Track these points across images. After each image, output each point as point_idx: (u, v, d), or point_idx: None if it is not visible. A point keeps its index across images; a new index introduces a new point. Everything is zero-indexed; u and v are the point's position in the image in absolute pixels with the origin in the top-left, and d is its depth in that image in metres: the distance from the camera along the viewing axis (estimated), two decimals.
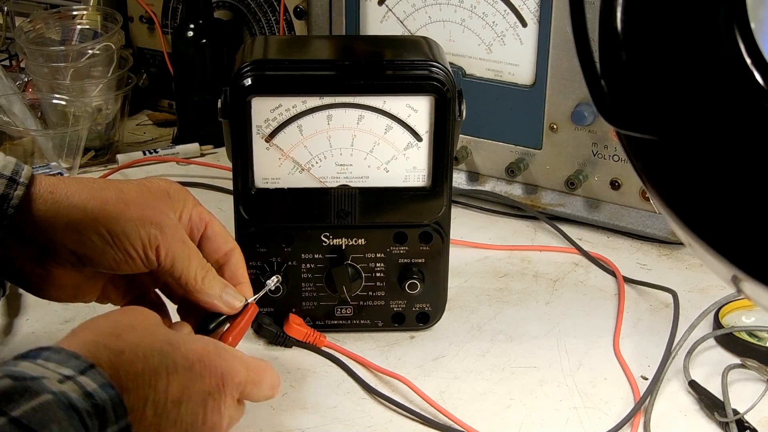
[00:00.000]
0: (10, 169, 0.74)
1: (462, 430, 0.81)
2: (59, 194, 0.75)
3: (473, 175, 1.18)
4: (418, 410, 0.83)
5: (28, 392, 0.56)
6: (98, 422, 0.58)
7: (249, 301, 0.80)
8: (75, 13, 1.29)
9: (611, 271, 1.04)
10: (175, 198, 0.80)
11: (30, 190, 0.75)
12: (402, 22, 1.14)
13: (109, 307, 0.95)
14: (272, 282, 0.87)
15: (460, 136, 1.09)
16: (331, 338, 0.91)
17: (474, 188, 1.17)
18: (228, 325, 0.79)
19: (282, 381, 0.86)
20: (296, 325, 0.91)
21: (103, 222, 0.74)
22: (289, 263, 0.90)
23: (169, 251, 0.75)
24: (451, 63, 1.08)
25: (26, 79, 1.30)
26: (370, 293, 0.92)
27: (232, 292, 0.79)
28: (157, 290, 0.82)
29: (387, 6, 1.14)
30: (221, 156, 1.27)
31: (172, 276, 0.76)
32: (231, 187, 0.89)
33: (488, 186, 1.17)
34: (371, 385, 0.86)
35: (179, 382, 0.65)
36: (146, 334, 0.67)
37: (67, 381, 0.58)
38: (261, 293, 0.83)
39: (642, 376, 0.88)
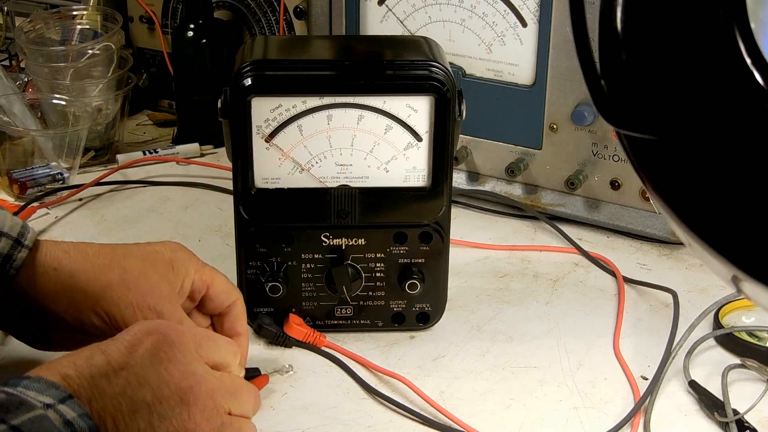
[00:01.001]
0: (16, 231, 0.77)
1: (462, 430, 0.81)
2: (63, 272, 0.77)
3: (473, 175, 1.18)
4: (418, 410, 0.83)
5: (24, 405, 0.58)
6: None
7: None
8: (75, 13, 1.29)
9: (611, 271, 1.04)
10: (179, 269, 0.81)
11: (34, 255, 0.77)
12: (402, 22, 1.14)
13: None
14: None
15: (460, 136, 1.09)
16: (331, 338, 0.91)
17: (474, 188, 1.17)
18: None
19: (282, 381, 0.86)
20: (296, 325, 0.91)
21: (103, 305, 0.77)
22: (289, 263, 0.90)
23: None
24: (451, 63, 1.08)
25: (26, 79, 1.30)
26: (370, 293, 0.92)
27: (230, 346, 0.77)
28: None
29: (387, 6, 1.14)
30: (221, 156, 1.27)
31: None
32: (231, 187, 0.89)
33: (488, 186, 1.17)
34: (371, 385, 0.86)
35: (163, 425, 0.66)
36: (132, 381, 0.66)
37: (48, 409, 0.60)
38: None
39: (642, 376, 0.88)
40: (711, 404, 0.83)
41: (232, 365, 0.74)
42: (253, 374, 0.83)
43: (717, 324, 0.93)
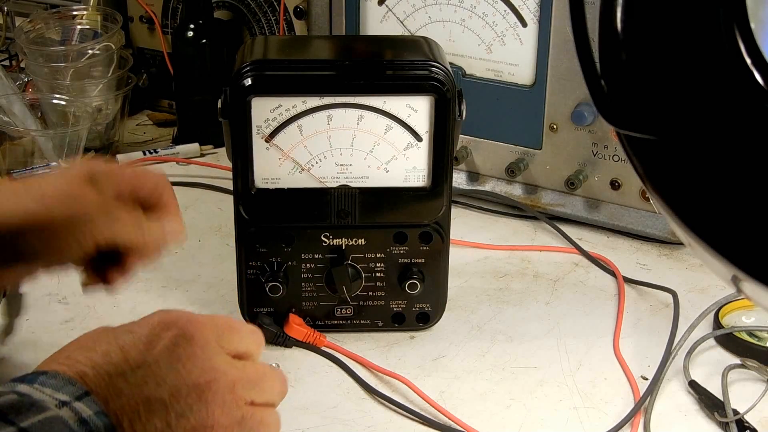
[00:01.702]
0: None
1: (462, 430, 0.81)
2: None
3: (473, 175, 1.18)
4: (418, 410, 0.83)
5: (35, 407, 0.57)
6: None
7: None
8: (75, 13, 1.29)
9: (611, 271, 1.04)
10: (97, 179, 0.78)
11: None
12: (402, 22, 1.14)
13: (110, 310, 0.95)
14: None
15: (460, 136, 1.09)
16: (331, 338, 0.91)
17: (474, 188, 1.17)
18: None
19: None
20: (296, 325, 0.91)
21: (31, 240, 0.75)
22: (289, 263, 0.90)
23: (101, 236, 0.75)
24: (451, 63, 1.08)
25: (26, 79, 1.30)
26: (370, 293, 0.92)
27: (171, 224, 0.78)
28: None
29: (387, 6, 1.14)
30: (221, 156, 1.27)
31: (114, 247, 0.76)
32: (231, 187, 0.89)
33: (488, 186, 1.17)
34: (371, 385, 0.86)
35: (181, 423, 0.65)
36: (148, 380, 0.65)
37: (63, 407, 0.59)
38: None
39: (642, 376, 0.88)
40: (711, 404, 0.83)
41: (256, 354, 0.72)
42: None
43: (717, 324, 0.93)
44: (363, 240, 0.90)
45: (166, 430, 0.64)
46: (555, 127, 1.11)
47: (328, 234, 0.90)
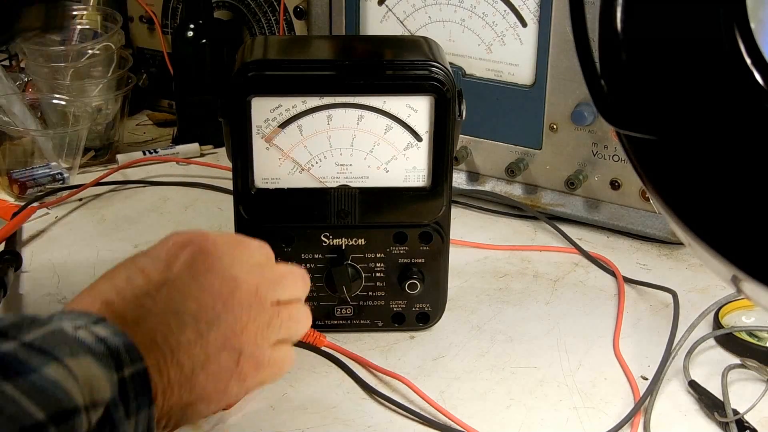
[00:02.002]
0: None
1: (462, 430, 0.81)
2: None
3: (473, 175, 1.18)
4: (418, 410, 0.83)
5: (37, 322, 0.57)
6: (114, 362, 0.59)
7: None
8: (75, 13, 1.29)
9: (611, 271, 1.04)
10: None
11: None
12: (402, 22, 1.14)
13: None
14: None
15: (460, 136, 1.09)
16: (331, 338, 0.91)
17: (474, 188, 1.17)
18: None
19: (282, 381, 0.86)
20: None
21: None
22: (289, 263, 0.90)
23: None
24: (451, 63, 1.08)
25: (26, 79, 1.30)
26: (370, 293, 0.92)
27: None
28: None
29: (387, 6, 1.14)
30: (221, 156, 1.27)
31: None
32: (231, 187, 0.89)
33: (488, 186, 1.17)
34: (371, 385, 0.86)
35: (202, 343, 0.66)
36: (165, 299, 0.67)
37: (80, 329, 0.59)
38: None
39: (642, 376, 0.88)
40: (711, 404, 0.83)
41: (270, 261, 0.74)
42: None
43: (717, 324, 0.93)
44: (363, 240, 0.90)
45: (199, 341, 0.66)
46: (555, 127, 1.11)
47: (328, 234, 0.90)
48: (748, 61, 0.50)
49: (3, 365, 0.52)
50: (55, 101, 1.23)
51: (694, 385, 0.85)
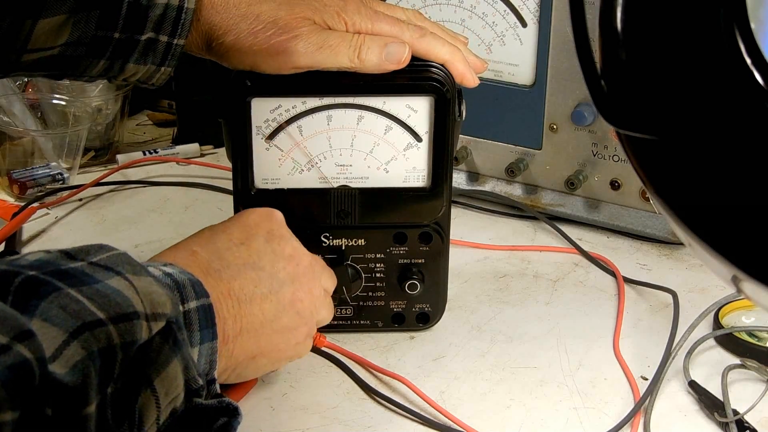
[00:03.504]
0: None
1: (462, 430, 0.81)
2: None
3: (473, 175, 1.18)
4: (418, 410, 0.83)
5: (105, 248, 0.62)
6: (179, 294, 0.65)
7: None
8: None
9: (611, 271, 1.04)
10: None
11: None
12: None
13: None
14: None
15: (460, 136, 1.09)
16: (331, 338, 0.91)
17: (474, 188, 1.17)
18: None
19: (282, 381, 0.86)
20: None
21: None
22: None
23: (311, 62, 0.82)
24: None
25: (26, 79, 1.30)
26: (370, 293, 0.92)
27: (392, 47, 0.82)
28: None
29: None
30: (221, 156, 1.27)
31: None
32: (231, 187, 0.89)
33: (488, 186, 1.17)
34: (371, 385, 0.86)
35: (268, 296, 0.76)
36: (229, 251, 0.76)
37: (149, 266, 0.66)
38: None
39: (642, 376, 0.88)
40: (711, 404, 0.83)
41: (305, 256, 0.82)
42: None
43: (717, 324, 0.93)
44: (363, 240, 0.90)
45: (271, 296, 0.75)
46: (555, 127, 1.11)
47: (328, 234, 0.90)
48: (748, 61, 0.50)
49: (69, 277, 0.57)
50: (55, 101, 1.23)
51: (694, 385, 0.85)
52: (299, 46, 0.80)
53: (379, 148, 0.88)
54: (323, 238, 0.90)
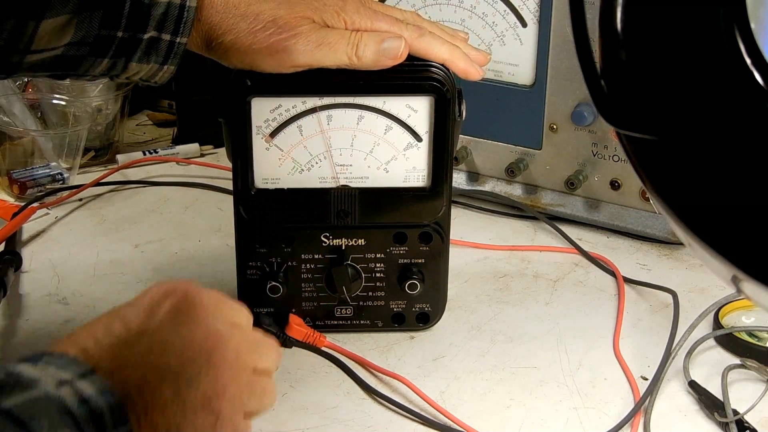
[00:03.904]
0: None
1: (462, 430, 0.81)
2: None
3: (473, 175, 1.18)
4: (418, 410, 0.83)
5: (19, 386, 0.54)
6: (95, 427, 0.56)
7: None
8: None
9: (611, 271, 1.04)
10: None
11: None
12: None
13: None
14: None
15: (460, 136, 1.09)
16: (331, 338, 0.91)
17: (474, 188, 1.17)
18: None
19: (282, 381, 0.86)
20: (296, 326, 0.91)
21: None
22: (289, 263, 0.90)
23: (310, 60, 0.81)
24: None
25: (26, 79, 1.30)
26: (370, 293, 0.92)
27: (389, 42, 0.82)
28: None
29: None
30: (221, 156, 1.27)
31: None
32: (231, 187, 0.89)
33: (488, 186, 1.17)
34: (371, 385, 0.86)
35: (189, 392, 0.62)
36: (156, 350, 0.63)
37: (64, 385, 0.56)
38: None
39: (642, 376, 0.88)
40: (711, 404, 0.83)
41: (247, 325, 0.70)
42: None
43: (717, 324, 0.93)
44: (363, 240, 0.90)
45: (176, 399, 0.61)
46: (555, 127, 1.11)
47: (328, 234, 0.90)
48: (748, 61, 0.50)
49: None
50: (55, 101, 1.23)
51: (694, 385, 0.85)
52: (298, 44, 0.80)
53: (379, 148, 0.87)
54: (323, 238, 0.90)
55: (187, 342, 0.63)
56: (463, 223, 1.13)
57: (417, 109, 0.86)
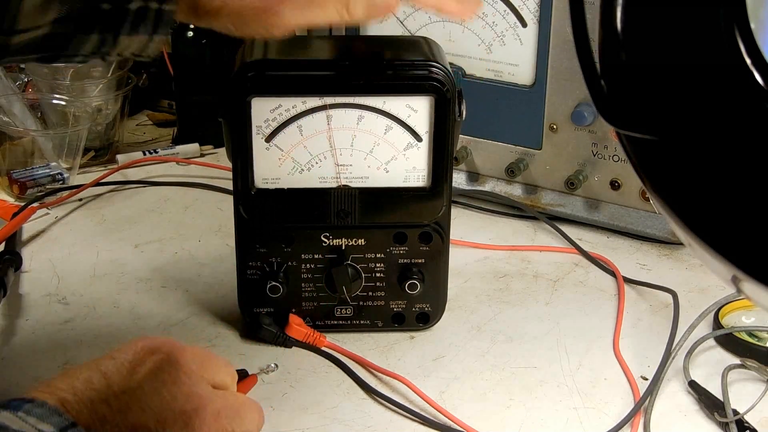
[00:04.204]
0: None
1: (462, 430, 0.81)
2: None
3: (473, 175, 1.18)
4: (418, 410, 0.83)
5: None
6: None
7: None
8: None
9: (611, 271, 1.04)
10: None
11: None
12: (402, 22, 1.14)
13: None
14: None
15: (460, 136, 1.09)
16: (331, 338, 0.91)
17: (474, 188, 1.17)
18: None
19: (282, 381, 0.86)
20: (296, 326, 0.91)
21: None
22: (289, 263, 0.90)
23: (301, 20, 0.76)
24: (451, 63, 1.08)
25: (26, 79, 1.30)
26: (370, 293, 0.92)
27: None
28: None
29: None
30: (221, 156, 1.27)
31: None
32: (231, 187, 0.89)
33: (488, 186, 1.17)
34: (371, 385, 0.86)
35: None
36: (136, 408, 0.63)
37: None
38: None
39: (642, 376, 0.88)
40: (711, 404, 0.83)
41: (231, 386, 0.72)
42: (241, 375, 0.81)
43: (717, 324, 0.93)
44: (363, 240, 0.90)
45: None
46: (555, 127, 1.11)
47: (328, 234, 0.90)
48: (748, 61, 0.50)
49: None
50: (55, 101, 1.23)
51: (694, 385, 0.85)
52: (288, 5, 0.75)
53: (379, 148, 0.87)
54: (323, 238, 0.90)
55: (167, 403, 0.63)
56: (463, 223, 1.13)
57: (417, 109, 0.86)
